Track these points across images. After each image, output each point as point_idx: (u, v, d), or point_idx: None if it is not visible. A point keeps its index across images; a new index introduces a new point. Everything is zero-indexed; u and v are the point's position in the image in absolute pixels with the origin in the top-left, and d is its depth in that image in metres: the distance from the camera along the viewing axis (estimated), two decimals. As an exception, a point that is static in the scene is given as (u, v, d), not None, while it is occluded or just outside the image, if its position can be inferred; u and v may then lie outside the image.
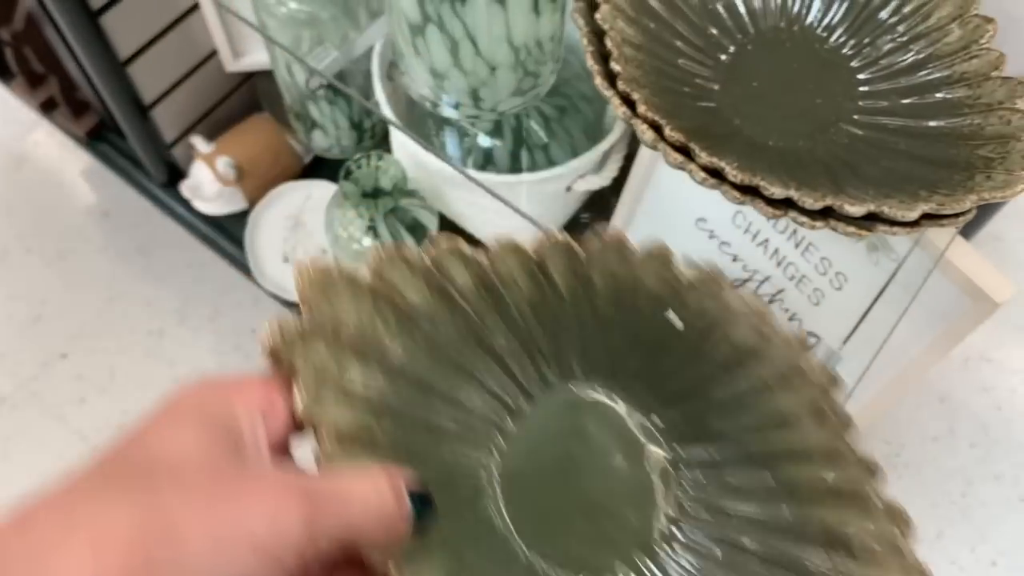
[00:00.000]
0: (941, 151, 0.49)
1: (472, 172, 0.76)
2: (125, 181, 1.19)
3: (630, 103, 0.48)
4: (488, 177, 0.79)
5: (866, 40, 0.55)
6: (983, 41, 0.50)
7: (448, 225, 0.90)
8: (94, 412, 1.21)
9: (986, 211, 0.60)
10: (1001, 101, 0.49)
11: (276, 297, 1.07)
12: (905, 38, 0.53)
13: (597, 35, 0.51)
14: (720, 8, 0.56)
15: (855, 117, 0.52)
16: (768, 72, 0.55)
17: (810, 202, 0.44)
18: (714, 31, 0.56)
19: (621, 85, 0.48)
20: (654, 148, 0.48)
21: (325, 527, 0.24)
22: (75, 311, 1.27)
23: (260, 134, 1.09)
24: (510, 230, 0.83)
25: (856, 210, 0.43)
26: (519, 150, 0.87)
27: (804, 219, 0.46)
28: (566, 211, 0.91)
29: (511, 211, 0.74)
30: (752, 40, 0.56)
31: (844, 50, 0.55)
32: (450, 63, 0.51)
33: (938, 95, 0.51)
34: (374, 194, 0.82)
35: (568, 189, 0.84)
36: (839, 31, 0.56)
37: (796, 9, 0.56)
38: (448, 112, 0.57)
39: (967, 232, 0.64)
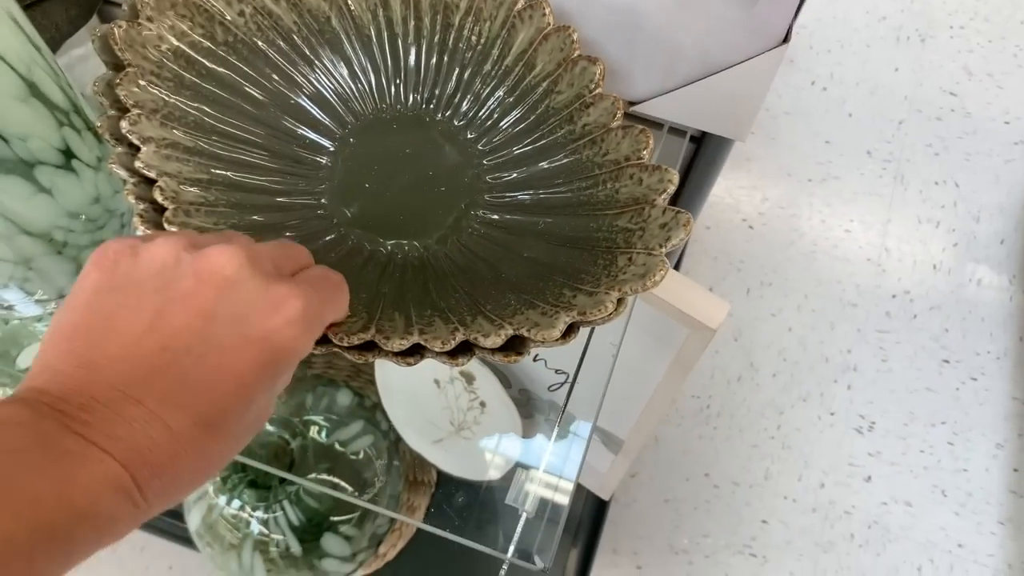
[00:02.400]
0: (582, 226, 0.42)
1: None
2: None
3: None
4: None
5: (474, 105, 0.46)
6: (593, 86, 0.43)
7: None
8: None
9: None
10: (628, 156, 0.42)
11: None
12: (515, 94, 0.45)
13: (148, 182, 0.40)
14: (303, 100, 0.46)
15: (487, 198, 0.44)
16: (379, 166, 0.45)
17: (438, 345, 0.36)
18: (306, 131, 0.46)
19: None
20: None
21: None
22: None
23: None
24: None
25: (492, 342, 0.36)
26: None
27: (444, 359, 0.38)
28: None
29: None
30: (353, 131, 0.46)
31: (456, 121, 0.46)
32: (-39, 274, 0.39)
33: (565, 158, 0.44)
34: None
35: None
36: (443, 101, 0.47)
37: (392, 88, 0.47)
38: (26, 311, 0.45)
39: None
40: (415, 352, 0.38)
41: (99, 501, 0.24)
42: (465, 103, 0.47)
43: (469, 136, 0.46)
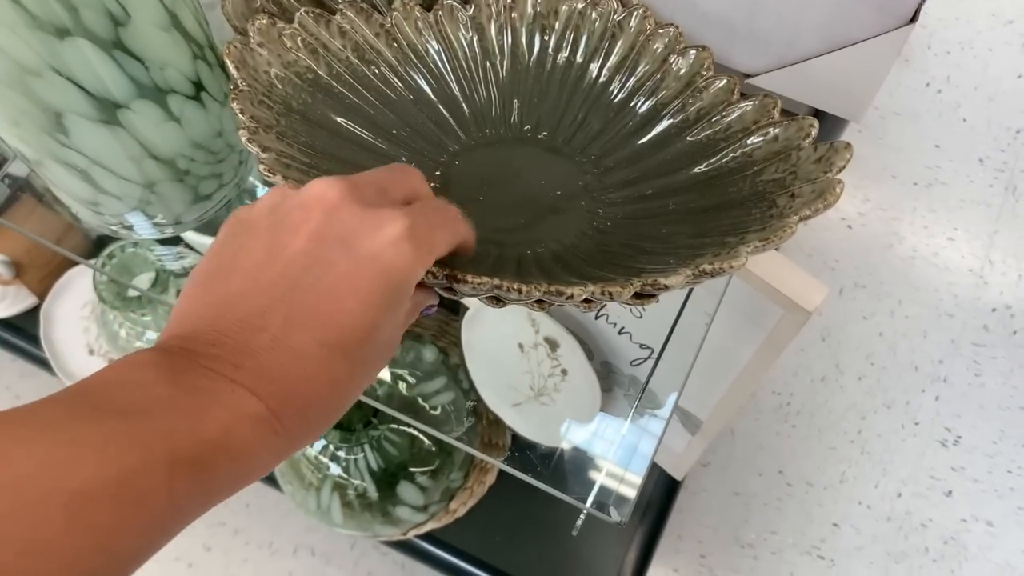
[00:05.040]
0: (718, 194, 0.41)
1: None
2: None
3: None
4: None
5: (575, 120, 0.46)
6: (704, 71, 0.43)
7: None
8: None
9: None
10: (756, 120, 0.41)
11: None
12: (618, 101, 0.45)
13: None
14: (404, 132, 0.46)
15: (606, 197, 0.44)
16: (488, 182, 0.45)
17: (622, 292, 0.33)
18: (410, 157, 0.46)
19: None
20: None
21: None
22: None
23: (33, 220, 0.97)
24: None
25: (676, 281, 0.33)
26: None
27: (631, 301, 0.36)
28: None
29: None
30: (456, 154, 0.46)
31: (559, 137, 0.46)
32: (92, 191, 0.42)
33: (682, 144, 0.43)
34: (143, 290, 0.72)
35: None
36: (544, 120, 0.47)
37: (492, 115, 0.47)
38: (144, 233, 0.48)
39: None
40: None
41: (233, 431, 0.25)
42: (566, 119, 0.47)
43: (575, 147, 0.46)
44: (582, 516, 0.47)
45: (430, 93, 0.48)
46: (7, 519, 0.20)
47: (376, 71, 0.47)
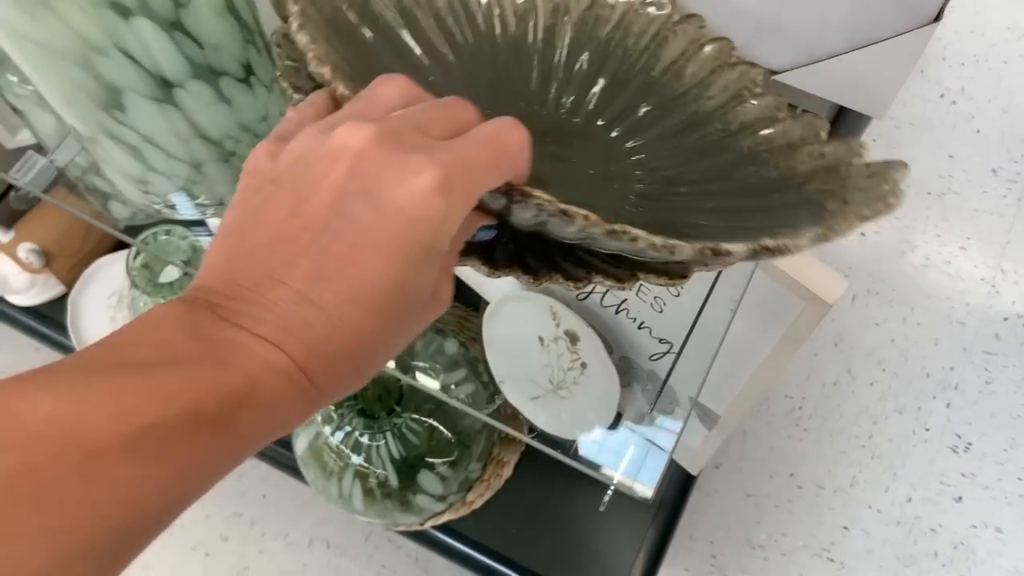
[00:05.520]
0: (760, 200, 0.40)
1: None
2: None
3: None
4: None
5: (617, 111, 0.47)
6: (754, 86, 0.44)
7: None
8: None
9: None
10: (803, 137, 0.42)
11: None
12: (660, 103, 0.46)
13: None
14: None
15: (639, 187, 0.45)
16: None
17: (686, 248, 0.30)
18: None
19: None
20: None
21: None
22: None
23: (63, 209, 0.99)
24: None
25: (740, 248, 0.30)
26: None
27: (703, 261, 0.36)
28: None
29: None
30: None
31: (599, 122, 0.47)
32: (142, 169, 0.43)
33: (723, 154, 0.43)
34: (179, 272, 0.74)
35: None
36: (584, 107, 0.48)
37: (533, 94, 0.48)
38: (186, 213, 0.50)
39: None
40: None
41: (258, 383, 0.24)
42: (608, 110, 0.47)
43: (614, 136, 0.47)
44: (609, 492, 0.48)
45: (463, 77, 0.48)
46: (17, 478, 0.19)
47: (418, 56, 0.47)
